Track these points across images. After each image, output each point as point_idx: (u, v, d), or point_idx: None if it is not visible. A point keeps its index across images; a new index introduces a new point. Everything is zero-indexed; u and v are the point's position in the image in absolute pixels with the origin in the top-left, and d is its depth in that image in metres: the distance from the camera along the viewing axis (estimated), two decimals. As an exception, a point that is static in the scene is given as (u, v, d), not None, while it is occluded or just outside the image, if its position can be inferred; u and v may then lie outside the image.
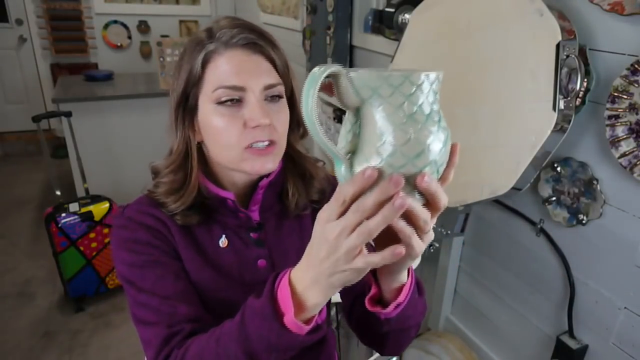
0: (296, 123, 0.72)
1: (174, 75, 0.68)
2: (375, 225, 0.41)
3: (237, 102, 0.62)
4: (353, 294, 0.74)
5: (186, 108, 0.67)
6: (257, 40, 0.63)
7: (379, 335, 0.64)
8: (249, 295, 0.54)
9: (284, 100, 0.67)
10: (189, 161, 0.68)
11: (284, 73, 0.66)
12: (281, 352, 0.52)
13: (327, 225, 0.43)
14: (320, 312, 0.52)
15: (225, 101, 0.62)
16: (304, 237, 0.56)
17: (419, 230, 0.44)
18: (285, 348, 0.52)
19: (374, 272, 0.58)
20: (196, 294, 0.67)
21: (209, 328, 0.60)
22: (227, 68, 0.62)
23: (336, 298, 0.84)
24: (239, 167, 0.65)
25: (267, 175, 0.70)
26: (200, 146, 0.69)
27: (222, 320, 0.58)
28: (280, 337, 0.50)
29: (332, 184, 0.79)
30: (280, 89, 0.65)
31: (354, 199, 0.42)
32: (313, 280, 0.47)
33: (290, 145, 0.72)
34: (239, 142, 0.63)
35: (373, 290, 0.59)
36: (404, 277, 0.56)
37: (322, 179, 0.76)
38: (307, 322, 0.51)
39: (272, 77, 0.64)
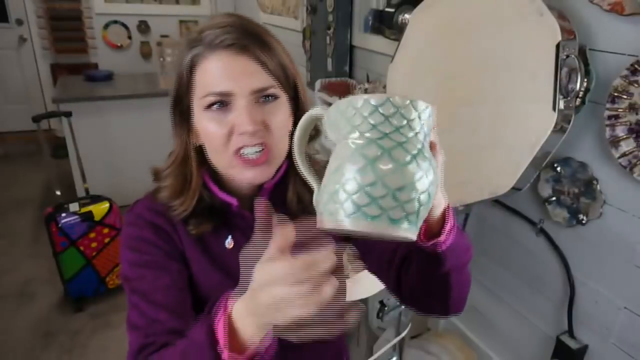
0: None
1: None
2: (327, 295, 0.40)
3: (225, 106, 0.60)
4: (395, 265, 0.68)
5: (182, 111, 0.66)
6: (241, 40, 0.59)
7: (441, 282, 0.62)
8: None
9: (282, 100, 0.63)
10: (188, 164, 0.67)
11: (278, 73, 0.62)
12: None
13: (267, 268, 0.42)
14: (265, 341, 0.49)
15: (214, 107, 0.60)
16: (312, 241, 0.49)
17: None
18: None
19: None
20: (185, 301, 0.66)
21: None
22: (213, 72, 0.60)
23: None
24: (230, 174, 0.64)
25: (272, 177, 0.67)
26: (202, 149, 0.67)
27: None
28: None
29: None
30: (274, 92, 0.62)
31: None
32: (250, 316, 0.46)
33: None
34: (227, 147, 0.61)
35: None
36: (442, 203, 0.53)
37: None
38: (245, 351, 0.48)
39: (261, 80, 0.60)
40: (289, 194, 0.71)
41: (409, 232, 0.43)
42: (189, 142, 0.67)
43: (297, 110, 0.67)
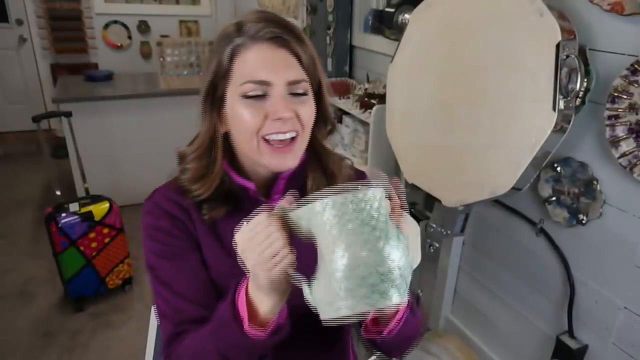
0: (323, 119, 0.73)
1: (204, 67, 0.71)
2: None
3: (262, 94, 0.64)
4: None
5: (214, 99, 0.68)
6: (282, 34, 0.64)
7: (383, 349, 0.71)
8: None
9: (309, 97, 0.68)
10: (213, 150, 0.70)
11: (310, 68, 0.67)
12: (250, 352, 0.59)
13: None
14: (281, 313, 0.58)
15: (250, 93, 0.64)
16: None
17: None
18: (251, 349, 0.58)
19: None
20: (207, 290, 0.70)
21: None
22: (254, 62, 0.64)
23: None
24: (259, 160, 0.67)
25: None
26: (227, 137, 0.71)
27: None
28: (241, 340, 0.56)
29: (357, 179, 0.80)
30: (305, 86, 0.66)
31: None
32: (255, 285, 0.55)
33: (315, 140, 0.73)
34: (257, 132, 0.64)
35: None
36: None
37: (345, 177, 0.77)
38: (266, 325, 0.57)
39: (297, 73, 0.65)
40: (310, 182, 0.75)
41: (399, 300, 0.48)
42: (218, 128, 0.70)
43: (318, 106, 0.71)
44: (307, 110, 0.67)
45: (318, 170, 0.75)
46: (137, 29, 4.33)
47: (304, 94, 0.66)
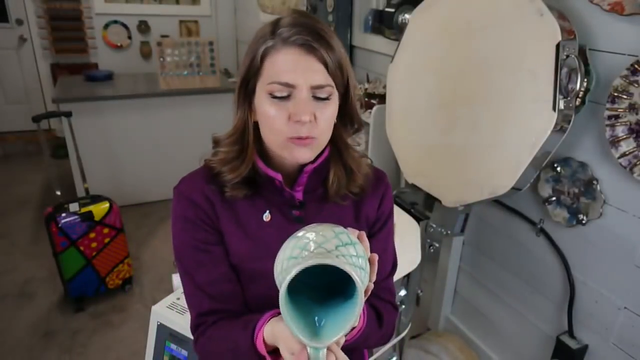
0: (349, 118, 0.78)
1: (243, 59, 0.75)
2: None
3: (287, 95, 0.69)
4: None
5: (247, 91, 0.74)
6: (312, 42, 0.68)
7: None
8: None
9: (332, 101, 0.72)
10: (245, 137, 0.75)
11: (336, 73, 0.71)
12: None
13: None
14: None
15: (276, 93, 0.68)
16: (342, 223, 0.62)
17: None
18: None
19: None
20: (225, 283, 0.77)
21: (226, 316, 0.76)
22: (282, 65, 0.68)
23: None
24: (281, 153, 0.72)
25: (313, 161, 0.76)
26: (257, 126, 0.75)
27: (255, 287, 0.77)
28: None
29: (375, 178, 0.84)
30: (329, 90, 0.70)
31: None
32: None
33: (339, 137, 0.78)
34: (283, 131, 0.69)
35: None
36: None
37: (364, 175, 0.81)
38: None
39: (321, 78, 0.69)
40: (331, 176, 0.79)
41: None
42: (249, 118, 0.75)
43: (345, 106, 0.75)
44: (327, 114, 0.71)
45: (339, 166, 0.80)
46: (137, 29, 4.33)
47: (327, 99, 0.70)
